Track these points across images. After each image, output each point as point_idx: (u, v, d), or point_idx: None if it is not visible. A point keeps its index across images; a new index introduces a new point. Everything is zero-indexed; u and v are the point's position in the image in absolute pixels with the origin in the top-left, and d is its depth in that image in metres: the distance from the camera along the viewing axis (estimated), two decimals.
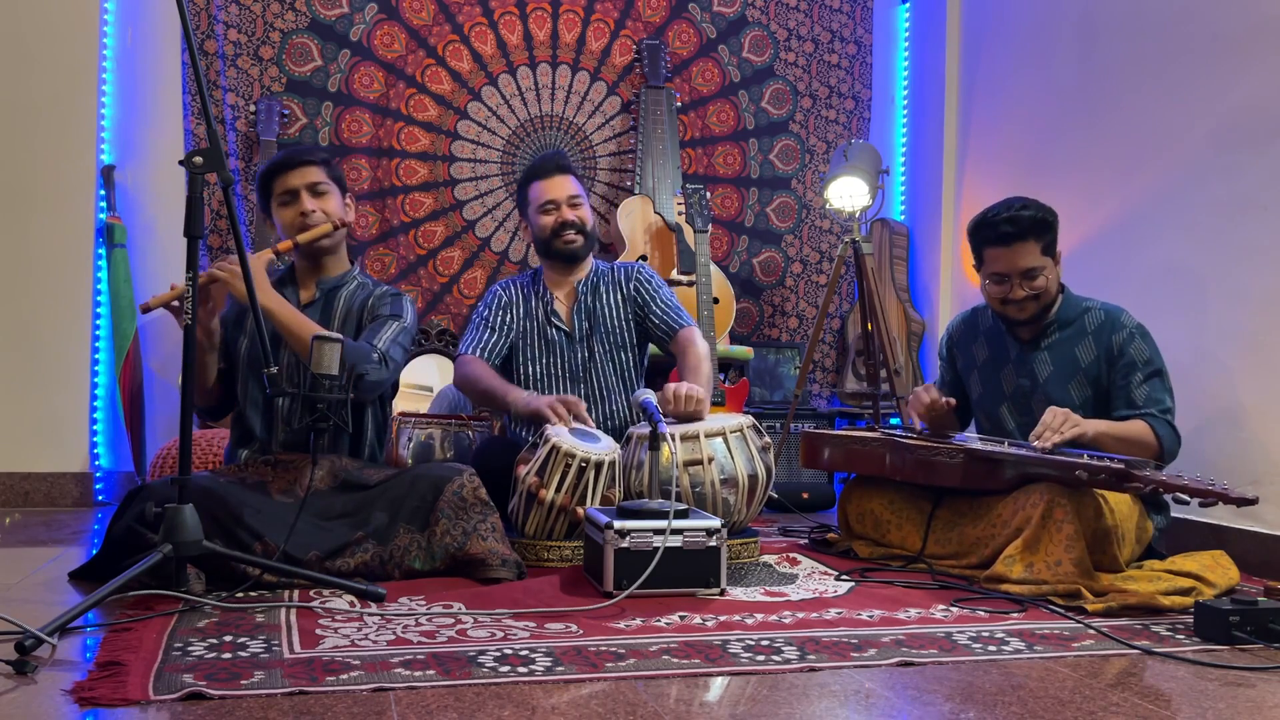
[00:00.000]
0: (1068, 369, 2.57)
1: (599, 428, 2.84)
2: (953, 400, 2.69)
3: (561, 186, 2.94)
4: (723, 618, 2.00)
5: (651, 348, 3.12)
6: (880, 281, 4.13)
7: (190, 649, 1.69)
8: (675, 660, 1.70)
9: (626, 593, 2.08)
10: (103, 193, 3.66)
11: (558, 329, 2.93)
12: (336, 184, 2.59)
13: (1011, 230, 2.51)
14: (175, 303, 2.22)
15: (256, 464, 2.43)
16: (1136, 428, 2.45)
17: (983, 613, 2.10)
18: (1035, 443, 2.34)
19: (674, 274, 3.86)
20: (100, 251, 3.65)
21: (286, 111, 3.87)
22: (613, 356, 2.95)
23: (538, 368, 2.92)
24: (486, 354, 2.88)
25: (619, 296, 2.98)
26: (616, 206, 4.06)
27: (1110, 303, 2.61)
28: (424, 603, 2.05)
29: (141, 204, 3.74)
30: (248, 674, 1.56)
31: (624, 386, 2.96)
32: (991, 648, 1.83)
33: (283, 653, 1.69)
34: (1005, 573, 2.26)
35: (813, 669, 1.68)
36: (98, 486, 3.61)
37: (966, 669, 1.71)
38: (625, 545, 2.12)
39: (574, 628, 1.90)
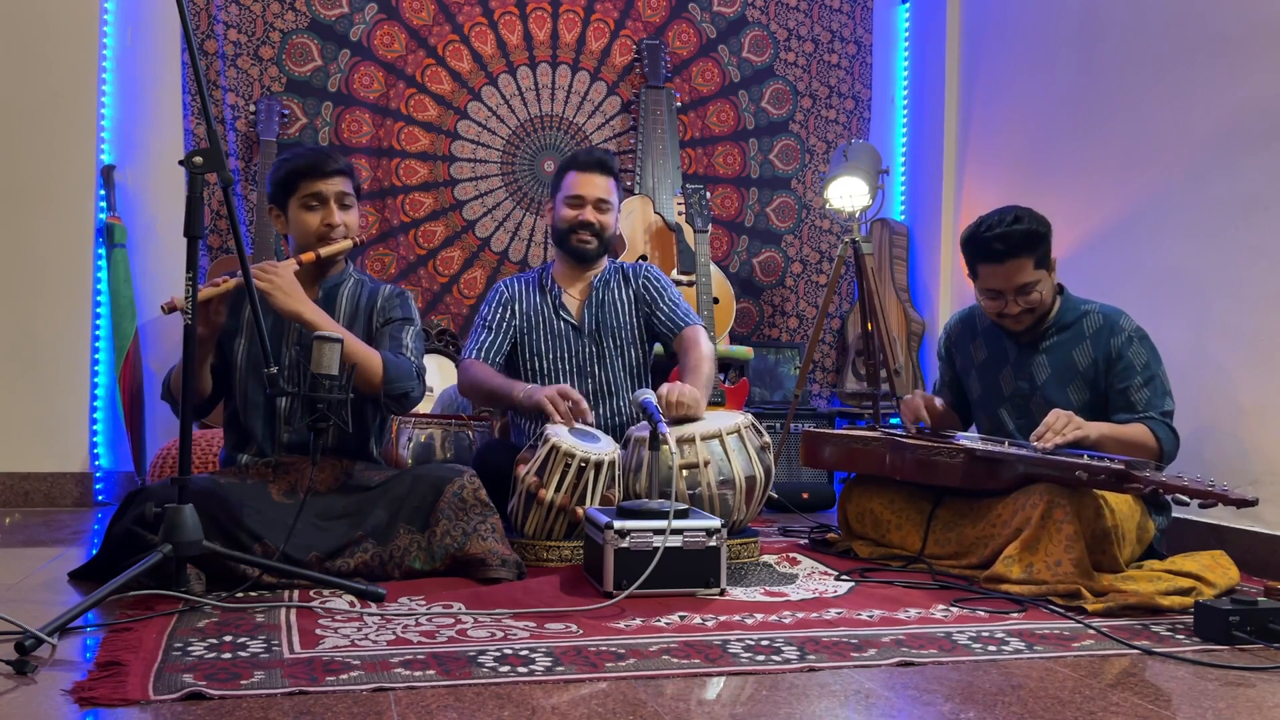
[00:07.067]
0: (1066, 372, 2.57)
1: (603, 424, 2.85)
2: (938, 403, 2.70)
3: (595, 186, 2.92)
4: (723, 618, 2.00)
5: (656, 347, 3.12)
6: (880, 281, 4.13)
7: (190, 649, 1.69)
8: (675, 660, 1.70)
9: (626, 593, 2.08)
10: (103, 193, 3.66)
11: (566, 322, 2.94)
12: (356, 194, 2.57)
13: (1003, 248, 2.47)
14: (184, 301, 2.14)
15: (258, 466, 2.43)
16: (1137, 431, 2.45)
17: (983, 613, 2.10)
18: (1036, 443, 2.34)
19: (674, 274, 3.86)
20: (100, 251, 3.64)
21: (286, 111, 3.87)
22: (621, 353, 2.95)
23: (544, 362, 2.92)
24: (486, 355, 2.88)
25: (628, 294, 3.00)
26: None
27: (1110, 305, 2.61)
28: (424, 603, 2.05)
29: (141, 204, 3.74)
30: (248, 674, 1.56)
31: (630, 384, 2.96)
32: (991, 648, 1.83)
33: (283, 653, 1.69)
34: (1005, 573, 2.26)
35: (813, 669, 1.68)
36: (98, 486, 3.61)
37: (966, 669, 1.71)
38: (625, 545, 2.12)
39: (574, 628, 1.90)
